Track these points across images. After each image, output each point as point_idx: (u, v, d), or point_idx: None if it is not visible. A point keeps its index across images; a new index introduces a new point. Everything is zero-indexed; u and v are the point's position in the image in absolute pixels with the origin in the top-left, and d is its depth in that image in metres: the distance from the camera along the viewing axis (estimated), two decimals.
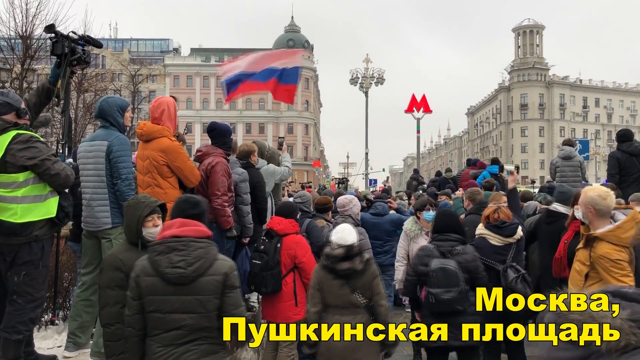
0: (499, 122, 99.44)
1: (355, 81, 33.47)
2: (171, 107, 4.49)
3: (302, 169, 71.42)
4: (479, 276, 4.22)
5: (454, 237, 4.33)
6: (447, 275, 4.10)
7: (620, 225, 3.56)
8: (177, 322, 2.86)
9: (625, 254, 3.52)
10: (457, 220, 4.55)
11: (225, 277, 2.90)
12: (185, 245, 2.87)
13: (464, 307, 4.10)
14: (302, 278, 4.89)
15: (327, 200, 6.68)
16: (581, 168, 9.30)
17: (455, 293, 4.06)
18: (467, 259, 4.22)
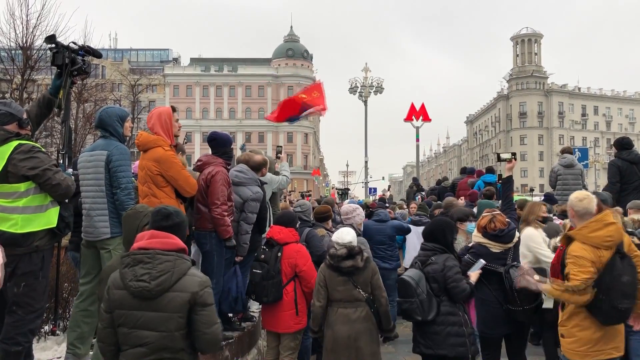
0: (498, 131, 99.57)
1: (355, 90, 33.57)
2: (164, 117, 4.49)
3: (301, 177, 71.45)
4: (449, 287, 4.22)
5: (430, 247, 4.41)
6: (404, 286, 4.23)
7: (587, 225, 3.74)
8: (141, 339, 2.72)
9: (590, 253, 3.65)
10: (442, 229, 4.48)
11: (193, 296, 2.72)
12: (151, 258, 2.73)
13: (425, 317, 4.16)
14: (303, 287, 4.88)
15: (326, 209, 6.68)
16: (582, 176, 9.32)
17: (409, 304, 4.17)
18: (435, 269, 4.26)
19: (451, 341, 4.21)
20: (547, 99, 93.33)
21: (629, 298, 3.67)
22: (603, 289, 3.64)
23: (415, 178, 19.23)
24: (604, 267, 3.67)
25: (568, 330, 3.84)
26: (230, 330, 5.18)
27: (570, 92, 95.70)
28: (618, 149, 8.15)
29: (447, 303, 4.26)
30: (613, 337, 3.79)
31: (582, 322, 3.77)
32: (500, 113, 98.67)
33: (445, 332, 4.21)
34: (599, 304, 3.66)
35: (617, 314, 3.68)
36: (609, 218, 3.76)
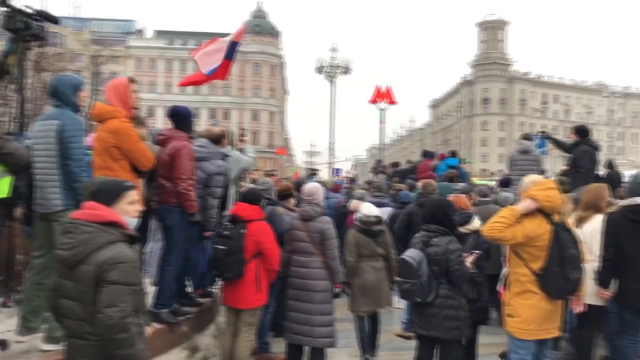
0: (461, 116, 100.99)
1: (321, 70, 33.46)
2: (121, 88, 4.38)
3: (266, 156, 71.03)
4: (451, 269, 4.21)
5: (432, 228, 4.38)
6: (406, 267, 4.22)
7: (532, 186, 4.05)
8: (66, 309, 2.72)
9: (533, 224, 3.91)
10: (443, 210, 4.47)
11: (97, 270, 2.63)
12: (74, 228, 2.72)
13: (425, 299, 4.18)
14: (265, 264, 4.90)
15: (288, 187, 6.70)
16: (538, 162, 9.54)
17: (411, 285, 4.18)
18: (437, 251, 4.24)
19: (447, 324, 4.24)
20: (509, 86, 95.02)
21: (577, 269, 3.93)
22: (555, 260, 3.85)
23: (379, 160, 19.40)
24: (551, 241, 3.87)
25: (516, 310, 3.98)
26: (189, 306, 5.18)
27: (532, 80, 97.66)
28: (581, 136, 8.35)
29: (445, 286, 4.26)
30: (555, 316, 4.00)
31: (529, 301, 3.92)
32: (463, 98, 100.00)
33: (442, 314, 4.24)
34: (553, 276, 3.84)
35: (568, 285, 3.89)
36: (551, 184, 4.09)
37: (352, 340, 6.41)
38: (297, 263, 5.19)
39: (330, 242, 5.16)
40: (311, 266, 5.11)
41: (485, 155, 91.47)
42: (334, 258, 5.17)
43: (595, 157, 8.24)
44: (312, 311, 5.06)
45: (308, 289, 5.10)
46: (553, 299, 3.93)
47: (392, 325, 7.45)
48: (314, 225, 5.16)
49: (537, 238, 3.89)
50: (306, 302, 5.08)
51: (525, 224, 3.91)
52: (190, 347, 4.96)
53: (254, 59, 77.73)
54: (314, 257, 5.12)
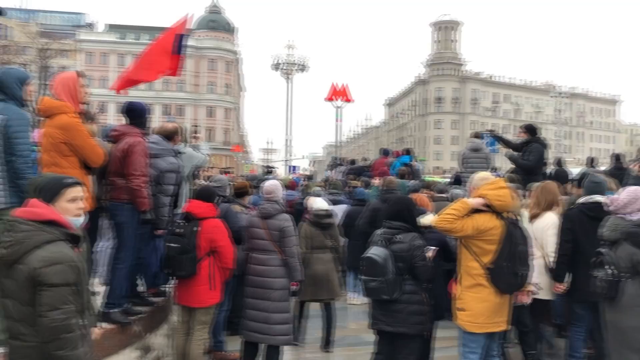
0: (415, 114, 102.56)
1: (278, 67, 33.41)
2: (69, 82, 4.25)
3: (221, 153, 70.31)
4: (416, 266, 4.24)
5: (396, 225, 4.37)
6: (372, 265, 4.20)
7: (484, 185, 4.20)
8: (6, 308, 2.63)
9: (486, 220, 4.02)
10: (407, 207, 4.50)
11: (32, 272, 2.53)
12: (13, 226, 2.64)
13: (392, 296, 4.19)
14: (219, 262, 4.86)
15: (244, 185, 6.67)
16: (488, 160, 9.79)
17: (378, 283, 4.17)
18: (402, 248, 4.24)
19: (412, 319, 4.27)
20: (462, 86, 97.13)
21: (525, 265, 4.06)
22: (506, 256, 3.97)
23: (335, 157, 19.54)
24: (503, 236, 3.99)
25: (466, 304, 4.09)
26: (141, 305, 5.08)
27: (484, 80, 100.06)
28: (531, 135, 8.56)
29: (410, 282, 4.27)
30: (504, 310, 4.13)
31: (479, 294, 4.03)
32: (418, 97, 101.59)
33: (407, 310, 4.25)
34: (503, 271, 3.96)
35: (517, 280, 4.02)
36: (502, 183, 4.20)
37: (308, 336, 6.46)
38: (255, 261, 5.15)
39: (290, 240, 5.14)
40: (270, 264, 5.09)
41: (438, 153, 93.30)
42: (293, 255, 5.15)
43: (544, 155, 8.51)
44: (270, 309, 5.03)
45: (266, 287, 5.07)
46: (501, 293, 4.05)
47: (347, 322, 7.53)
48: (274, 223, 5.14)
49: (487, 232, 3.99)
50: (264, 299, 5.05)
51: (475, 218, 4.02)
52: (142, 347, 4.87)
53: (209, 55, 76.72)
54: (272, 255, 5.10)
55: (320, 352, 6.25)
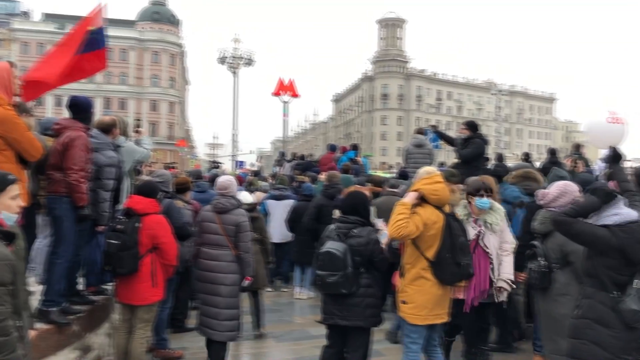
0: (362, 110, 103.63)
1: (224, 61, 32.97)
2: (2, 73, 4.07)
3: (165, 148, 68.95)
4: (374, 259, 4.28)
5: (352, 219, 4.38)
6: (331, 259, 4.20)
7: (421, 180, 4.28)
8: None
9: (429, 214, 4.11)
10: (362, 202, 4.53)
11: None
12: None
13: (350, 290, 4.21)
14: (162, 259, 4.78)
15: (186, 180, 6.62)
16: (431, 155, 10.03)
17: (338, 277, 4.17)
18: (360, 242, 4.26)
19: (369, 312, 4.29)
20: (407, 83, 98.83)
21: (467, 255, 4.20)
22: (448, 247, 4.09)
23: (282, 152, 19.50)
24: (443, 229, 4.11)
25: (410, 296, 4.18)
26: (80, 304, 4.94)
27: (428, 77, 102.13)
28: (473, 131, 8.79)
29: (366, 275, 4.30)
30: (445, 302, 4.27)
31: (422, 287, 4.13)
32: (364, 93, 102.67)
33: (364, 303, 4.27)
34: (446, 262, 4.08)
35: (460, 270, 4.13)
36: (438, 178, 4.29)
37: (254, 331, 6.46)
38: (206, 256, 5.13)
39: (245, 235, 5.17)
40: (222, 259, 5.07)
41: (384, 149, 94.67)
42: (247, 250, 5.18)
43: (484, 150, 8.79)
44: (221, 305, 5.03)
45: (217, 282, 5.06)
46: (444, 284, 4.17)
47: (293, 316, 7.57)
48: (229, 218, 5.13)
49: (432, 225, 4.09)
50: (215, 295, 5.05)
51: (420, 213, 4.11)
52: (81, 347, 4.73)
53: (152, 48, 74.91)
54: (225, 250, 5.09)
55: (266, 346, 6.26)
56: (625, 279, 3.24)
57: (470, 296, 4.65)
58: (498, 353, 5.63)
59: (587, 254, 3.44)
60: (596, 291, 3.33)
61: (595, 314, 3.31)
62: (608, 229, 3.25)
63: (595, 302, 3.32)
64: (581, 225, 3.31)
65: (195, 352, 5.93)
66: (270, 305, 8.08)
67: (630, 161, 18.32)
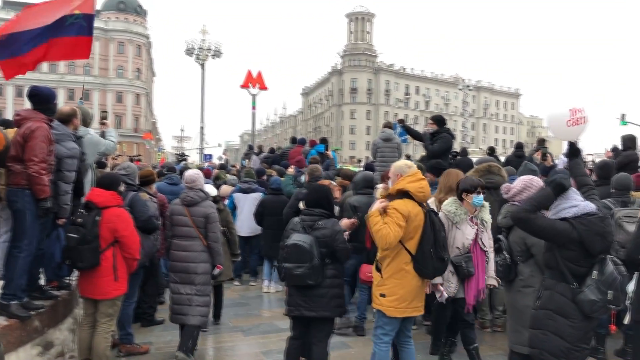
0: (331, 104, 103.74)
1: (191, 52, 32.56)
2: None
3: (131, 141, 67.78)
4: (337, 250, 4.31)
5: (317, 212, 4.42)
6: (298, 252, 4.22)
7: (404, 178, 4.26)
8: None
9: (408, 206, 4.12)
10: (326, 195, 4.57)
11: None
12: None
13: (317, 281, 4.24)
14: (123, 252, 4.70)
15: (150, 173, 6.56)
16: (399, 149, 10.10)
17: (305, 269, 4.20)
18: (325, 234, 4.30)
19: (334, 303, 4.34)
20: (375, 77, 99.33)
21: (446, 250, 4.27)
22: (430, 241, 4.12)
23: (251, 145, 19.38)
24: (425, 223, 4.14)
25: (390, 289, 4.18)
26: (41, 299, 4.82)
27: (396, 72, 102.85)
28: (440, 125, 8.93)
29: (331, 266, 4.34)
30: (421, 295, 4.31)
31: (402, 280, 4.16)
32: (333, 87, 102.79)
33: (329, 294, 4.31)
34: (429, 256, 4.11)
35: (440, 265, 4.17)
36: (420, 174, 4.32)
37: (222, 325, 6.43)
38: (178, 247, 5.37)
39: (214, 225, 5.43)
40: (193, 249, 5.34)
41: (353, 143, 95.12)
42: (217, 240, 5.45)
43: (452, 145, 8.95)
44: (193, 292, 5.30)
45: (190, 272, 5.32)
46: (425, 278, 4.21)
47: (261, 310, 7.55)
48: (199, 210, 5.37)
49: (414, 217, 4.11)
50: (188, 284, 5.31)
51: (398, 208, 4.09)
52: (43, 343, 4.63)
53: (118, 38, 73.34)
54: (196, 241, 5.34)
55: (234, 339, 6.24)
56: (584, 271, 3.33)
57: (472, 294, 4.74)
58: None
59: (547, 246, 3.52)
60: (556, 282, 3.41)
61: (555, 304, 3.39)
62: (567, 222, 3.33)
63: (555, 293, 3.41)
64: (541, 220, 3.38)
65: (161, 346, 5.88)
66: (238, 299, 8.08)
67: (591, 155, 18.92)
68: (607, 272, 3.29)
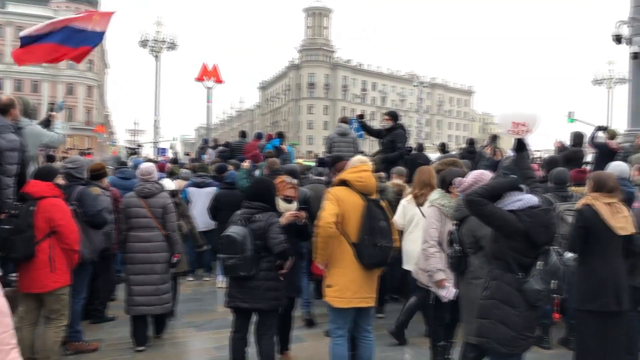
0: (288, 99, 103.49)
1: (145, 44, 31.90)
2: None
3: (83, 134, 65.93)
4: (271, 242, 4.32)
5: (256, 205, 4.47)
6: (230, 243, 4.26)
7: (349, 169, 4.44)
8: None
9: (343, 193, 4.26)
10: (267, 188, 4.62)
11: None
12: None
13: (250, 273, 4.27)
14: (61, 244, 4.58)
15: (101, 166, 6.43)
16: (355, 144, 10.17)
17: (236, 260, 4.24)
18: (260, 226, 4.34)
19: (269, 295, 4.36)
20: (333, 72, 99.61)
21: (386, 238, 4.27)
22: (367, 230, 4.17)
23: (206, 139, 19.16)
24: (363, 213, 4.20)
25: (333, 279, 4.24)
26: None
27: (353, 68, 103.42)
28: (395, 121, 9.16)
29: (267, 259, 4.36)
30: (370, 286, 4.34)
31: (344, 269, 4.20)
32: (291, 82, 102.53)
33: (264, 286, 4.34)
34: (365, 244, 4.16)
35: (378, 252, 4.20)
36: (365, 167, 4.43)
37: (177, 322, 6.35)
38: (137, 239, 5.53)
39: (172, 216, 5.69)
40: (154, 240, 5.55)
41: (311, 138, 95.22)
42: (174, 229, 5.71)
43: (406, 140, 9.23)
44: (158, 281, 5.53)
45: (152, 262, 5.52)
46: (365, 267, 4.23)
47: (214, 305, 7.48)
48: (156, 201, 5.59)
49: (346, 201, 4.19)
50: (151, 274, 5.50)
51: (334, 195, 4.23)
52: None
53: None
54: (156, 232, 5.55)
55: (186, 335, 6.16)
56: (529, 261, 3.44)
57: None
58: None
59: (494, 237, 3.61)
60: (503, 273, 3.51)
61: (502, 294, 3.49)
62: (514, 214, 3.43)
63: (502, 283, 3.50)
64: (492, 207, 3.47)
65: (111, 343, 5.76)
66: (192, 294, 7.99)
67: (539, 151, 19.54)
68: (550, 263, 3.40)
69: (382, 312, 6.77)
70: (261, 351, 4.47)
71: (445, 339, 4.92)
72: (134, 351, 5.51)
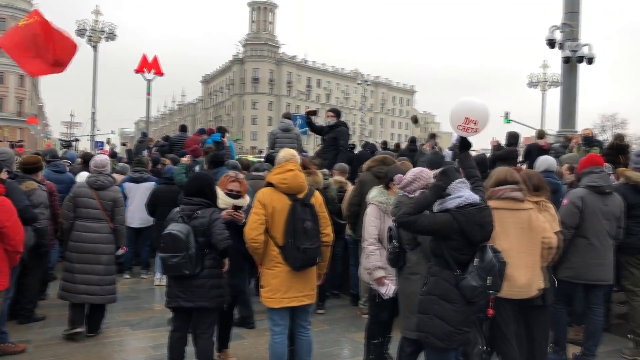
0: (232, 93, 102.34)
1: (83, 33, 30.73)
2: None
3: (14, 125, 62.93)
4: (216, 239, 4.24)
5: (196, 201, 4.34)
6: (173, 241, 4.14)
7: (274, 170, 4.44)
8: None
9: (267, 196, 4.23)
10: (208, 184, 4.50)
11: None
12: None
13: (193, 271, 4.17)
14: (5, 245, 4.34)
15: (36, 159, 6.15)
16: (298, 140, 10.18)
17: (180, 258, 4.13)
18: (202, 222, 4.25)
19: (213, 293, 4.27)
20: (277, 68, 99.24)
21: (312, 239, 4.20)
22: (291, 232, 4.13)
23: (145, 133, 18.66)
24: (288, 214, 4.15)
25: (265, 280, 4.22)
26: None
27: (298, 64, 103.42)
28: (338, 117, 9.28)
29: (210, 256, 4.28)
30: (303, 285, 4.27)
31: (274, 271, 4.18)
32: (235, 76, 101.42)
33: (208, 284, 4.24)
34: (289, 247, 4.12)
35: (301, 255, 4.14)
36: (290, 166, 4.33)
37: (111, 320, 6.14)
38: (85, 229, 5.60)
39: (121, 210, 5.85)
40: (101, 231, 5.64)
41: (255, 133, 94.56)
42: (122, 223, 5.88)
43: (348, 137, 9.38)
44: (102, 272, 5.62)
45: (98, 252, 5.61)
46: (293, 269, 4.17)
47: (152, 303, 7.30)
48: (107, 194, 5.71)
49: (270, 204, 4.14)
50: (96, 264, 5.59)
51: (259, 199, 4.19)
52: None
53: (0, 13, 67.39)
54: (103, 223, 5.66)
55: (122, 334, 5.97)
56: (466, 258, 3.53)
57: None
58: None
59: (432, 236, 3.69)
60: (441, 269, 3.59)
61: (440, 290, 3.57)
62: (449, 213, 3.51)
63: (440, 279, 3.58)
64: (422, 220, 3.53)
65: (40, 344, 5.51)
66: (128, 292, 7.75)
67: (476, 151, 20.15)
68: (486, 260, 3.49)
69: (323, 307, 6.80)
70: (199, 350, 4.36)
71: (382, 335, 4.90)
72: (63, 352, 5.29)
